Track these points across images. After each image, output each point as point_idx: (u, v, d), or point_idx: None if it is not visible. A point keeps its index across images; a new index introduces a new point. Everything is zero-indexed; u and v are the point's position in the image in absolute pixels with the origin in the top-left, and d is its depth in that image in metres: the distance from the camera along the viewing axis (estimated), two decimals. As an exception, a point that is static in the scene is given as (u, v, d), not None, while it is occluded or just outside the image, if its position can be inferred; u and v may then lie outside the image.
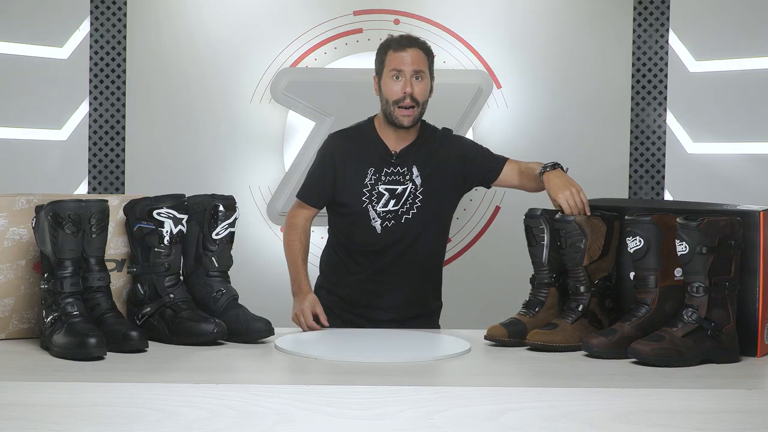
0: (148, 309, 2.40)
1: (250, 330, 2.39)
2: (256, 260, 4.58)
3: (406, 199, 2.92)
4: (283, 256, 3.03)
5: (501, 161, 3.03)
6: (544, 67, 4.79)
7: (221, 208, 2.48)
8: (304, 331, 2.70)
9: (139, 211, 2.41)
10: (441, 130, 3.06)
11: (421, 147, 2.96)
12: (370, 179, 2.92)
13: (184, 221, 2.44)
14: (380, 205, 2.91)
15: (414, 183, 2.92)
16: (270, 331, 2.40)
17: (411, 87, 2.86)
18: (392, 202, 2.91)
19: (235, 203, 2.52)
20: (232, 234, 2.51)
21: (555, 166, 2.81)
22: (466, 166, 2.99)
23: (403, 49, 2.88)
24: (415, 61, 2.88)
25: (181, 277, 2.48)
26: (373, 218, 2.91)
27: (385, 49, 2.93)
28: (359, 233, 2.94)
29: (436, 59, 2.96)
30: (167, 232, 2.41)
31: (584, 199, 2.59)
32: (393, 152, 2.94)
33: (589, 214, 2.53)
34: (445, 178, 2.96)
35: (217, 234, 2.48)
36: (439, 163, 2.96)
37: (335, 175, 2.95)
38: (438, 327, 3.04)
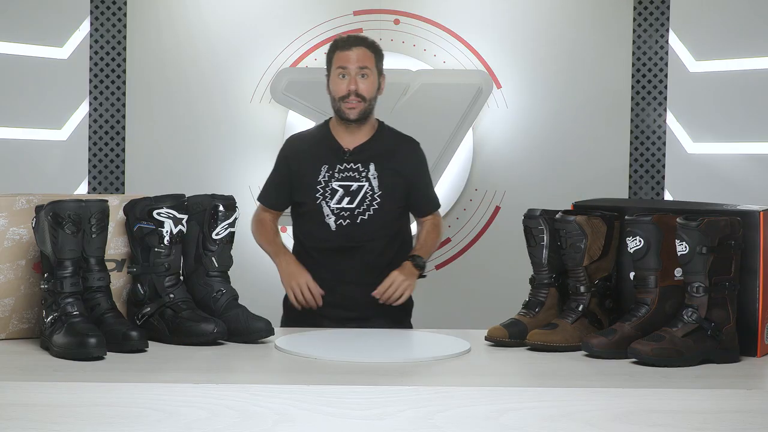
0: (148, 309, 2.40)
1: (251, 330, 2.39)
2: (255, 260, 4.58)
3: (363, 199, 2.96)
4: None
5: (424, 212, 3.14)
6: (544, 67, 4.79)
7: (221, 208, 2.48)
8: (298, 303, 2.82)
9: (139, 211, 2.41)
10: (405, 137, 3.13)
11: (377, 144, 3.03)
12: (324, 176, 2.99)
13: (184, 221, 2.44)
14: (334, 201, 2.97)
15: (370, 182, 2.97)
16: (270, 331, 2.40)
17: (356, 84, 2.97)
18: (347, 199, 2.97)
19: (235, 203, 2.53)
20: (232, 234, 2.51)
21: (415, 259, 2.99)
22: (410, 184, 3.06)
23: (348, 48, 2.99)
24: (360, 59, 2.98)
25: (182, 278, 2.48)
26: (327, 215, 2.97)
27: (333, 48, 3.04)
28: (315, 230, 3.01)
29: (436, 59, 2.99)
30: (167, 232, 2.41)
31: (398, 294, 2.90)
32: (346, 149, 3.01)
33: (394, 303, 2.90)
34: (398, 182, 3.02)
35: (217, 234, 2.48)
36: (396, 164, 3.03)
37: (291, 176, 3.06)
38: (410, 326, 3.08)
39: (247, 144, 4.72)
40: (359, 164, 2.99)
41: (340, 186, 2.98)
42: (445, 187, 4.74)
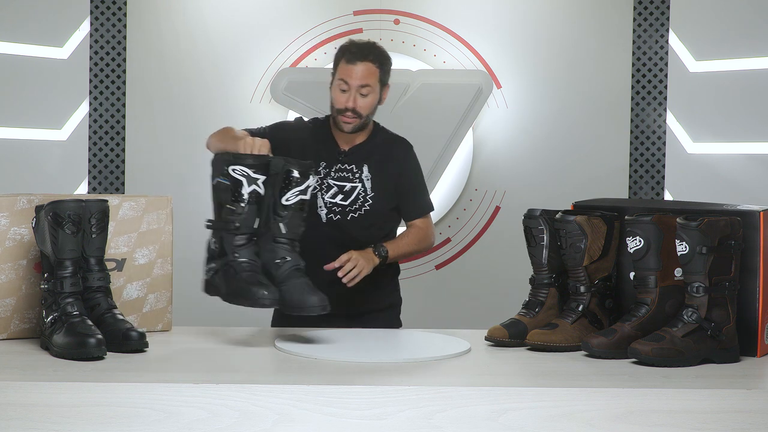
0: (214, 265, 2.40)
1: (305, 304, 2.33)
2: (256, 260, 4.59)
3: (356, 199, 2.97)
4: None
5: (410, 215, 3.07)
6: (544, 67, 4.79)
7: (294, 173, 2.41)
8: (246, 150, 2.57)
9: (220, 166, 2.40)
10: (398, 138, 3.11)
11: (372, 147, 3.02)
12: (322, 170, 2.98)
13: (259, 182, 2.38)
14: (328, 195, 2.97)
15: (363, 183, 2.97)
16: (324, 308, 2.34)
17: (354, 102, 2.92)
18: (340, 196, 2.97)
19: (310, 170, 2.43)
20: (302, 202, 2.42)
21: (377, 248, 2.91)
22: (399, 186, 3.03)
23: (354, 62, 2.92)
24: (363, 77, 2.92)
25: (254, 239, 2.43)
26: (320, 207, 2.97)
27: (341, 55, 2.98)
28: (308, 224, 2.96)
29: (436, 59, 2.98)
30: (240, 190, 2.38)
31: (354, 273, 2.79)
32: (342, 150, 3.00)
33: (347, 282, 2.79)
34: (390, 184, 3.01)
35: (287, 200, 2.41)
36: (389, 166, 3.01)
37: (283, 154, 2.77)
38: (399, 323, 3.08)
39: (247, 144, 4.72)
40: (353, 165, 2.99)
41: (335, 184, 2.98)
42: (445, 187, 4.74)
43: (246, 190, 2.40)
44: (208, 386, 1.91)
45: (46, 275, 2.26)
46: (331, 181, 2.97)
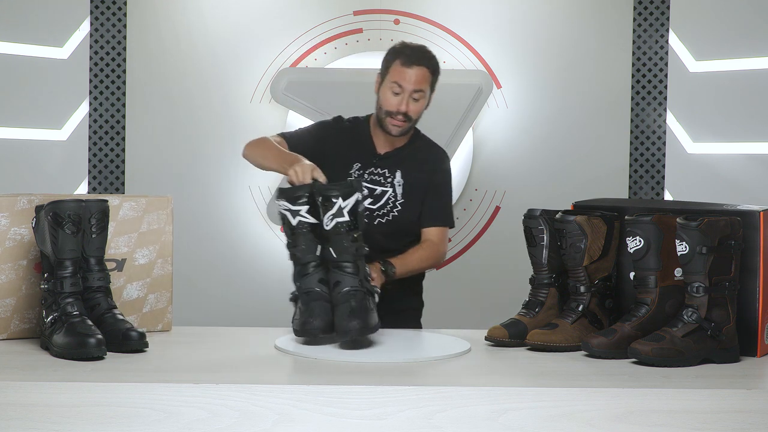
0: (292, 294, 2.46)
1: (341, 328, 2.30)
2: (255, 260, 4.59)
3: (385, 203, 2.95)
4: (282, 257, 2.99)
5: (426, 222, 2.98)
6: (544, 67, 4.79)
7: (321, 198, 2.37)
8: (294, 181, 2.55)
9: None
10: (436, 147, 3.08)
11: (407, 153, 3.00)
12: (355, 172, 2.96)
13: (302, 212, 2.39)
14: None
15: (394, 189, 2.95)
16: (362, 331, 2.29)
17: (407, 106, 2.89)
18: (370, 200, 2.94)
19: (335, 194, 2.34)
20: (339, 225, 2.36)
21: (385, 265, 2.80)
22: (426, 193, 2.99)
23: (410, 66, 2.88)
24: (418, 81, 2.88)
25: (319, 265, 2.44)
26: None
27: (394, 57, 2.92)
28: None
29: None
30: (291, 223, 2.41)
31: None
32: (378, 153, 2.98)
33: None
34: (420, 191, 2.97)
35: (326, 225, 2.38)
36: (421, 174, 2.98)
37: (319, 157, 2.78)
38: (419, 326, 3.04)
39: (247, 144, 4.72)
40: (386, 169, 2.96)
41: (366, 186, 2.94)
42: (445, 187, 4.74)
43: (293, 221, 2.42)
44: (208, 386, 1.91)
45: (46, 275, 2.26)
46: (363, 184, 2.93)
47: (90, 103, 4.67)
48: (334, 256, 2.38)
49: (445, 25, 4.74)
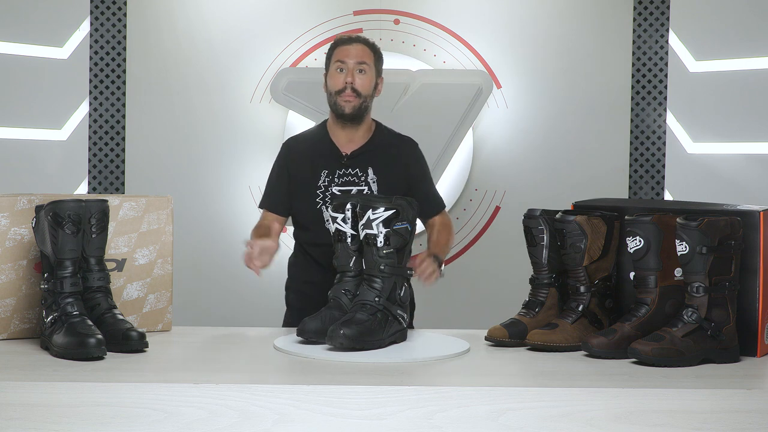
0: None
1: (330, 332, 2.29)
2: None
3: None
4: (282, 257, 3.01)
5: (428, 213, 3.05)
6: (544, 67, 4.79)
7: (360, 207, 2.39)
8: (246, 262, 2.70)
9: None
10: (405, 138, 3.10)
11: (375, 148, 3.01)
12: (323, 181, 2.98)
13: (338, 219, 2.44)
14: None
15: (370, 186, 2.97)
16: (351, 342, 2.28)
17: (353, 78, 2.96)
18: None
19: (368, 204, 2.37)
20: (371, 236, 2.37)
21: (436, 258, 2.83)
22: (410, 186, 3.02)
23: (349, 43, 3.00)
24: (359, 54, 2.98)
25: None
26: (327, 220, 2.91)
27: (333, 45, 3.04)
28: (315, 235, 2.97)
29: (436, 59, 2.97)
30: (332, 229, 2.47)
31: (429, 277, 2.73)
32: (344, 154, 2.99)
33: (427, 282, 2.73)
34: (398, 184, 2.99)
35: (360, 235, 2.42)
36: (395, 166, 3.00)
37: (290, 180, 3.02)
38: (411, 327, 3.04)
39: (247, 144, 4.72)
40: (357, 169, 2.98)
41: (339, 191, 2.96)
42: (445, 187, 4.74)
43: (331, 228, 2.47)
44: (208, 386, 1.91)
45: (46, 275, 2.26)
46: (335, 189, 2.95)
47: (90, 103, 4.67)
48: (364, 267, 2.42)
49: (445, 25, 4.74)
